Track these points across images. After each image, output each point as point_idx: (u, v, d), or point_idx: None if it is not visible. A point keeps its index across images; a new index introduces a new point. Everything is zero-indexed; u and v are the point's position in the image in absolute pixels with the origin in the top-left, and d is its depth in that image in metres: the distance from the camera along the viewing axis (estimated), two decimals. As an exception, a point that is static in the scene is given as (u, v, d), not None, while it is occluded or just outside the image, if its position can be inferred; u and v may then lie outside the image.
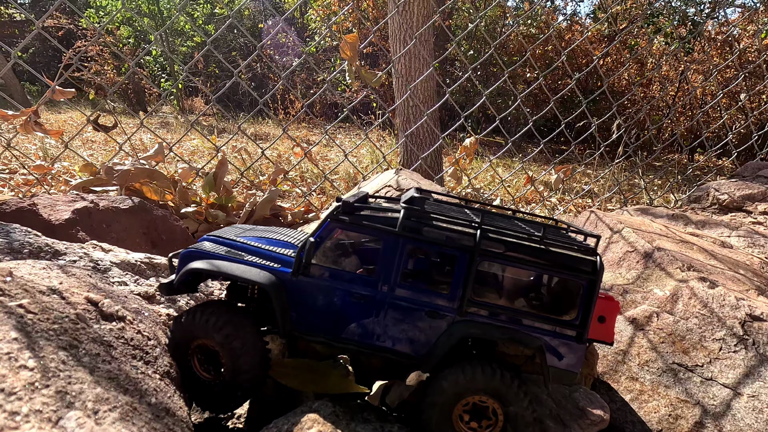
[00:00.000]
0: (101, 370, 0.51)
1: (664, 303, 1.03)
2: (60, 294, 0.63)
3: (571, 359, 0.68)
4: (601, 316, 0.69)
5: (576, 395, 0.88)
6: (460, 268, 0.65)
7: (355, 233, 0.68)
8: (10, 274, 0.58)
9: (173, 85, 7.80)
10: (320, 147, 5.26)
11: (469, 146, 2.07)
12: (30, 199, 1.14)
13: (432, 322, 0.66)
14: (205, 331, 0.67)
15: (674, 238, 1.25)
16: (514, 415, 0.66)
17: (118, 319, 0.67)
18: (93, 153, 3.51)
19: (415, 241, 0.65)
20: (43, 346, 0.46)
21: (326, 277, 0.68)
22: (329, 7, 6.68)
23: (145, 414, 0.50)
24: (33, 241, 0.95)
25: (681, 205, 1.96)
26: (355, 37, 1.76)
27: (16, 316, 0.48)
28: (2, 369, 0.38)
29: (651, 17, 5.29)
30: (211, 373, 0.69)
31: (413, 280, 0.67)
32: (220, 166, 1.82)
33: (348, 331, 0.68)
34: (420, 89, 2.61)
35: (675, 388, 0.92)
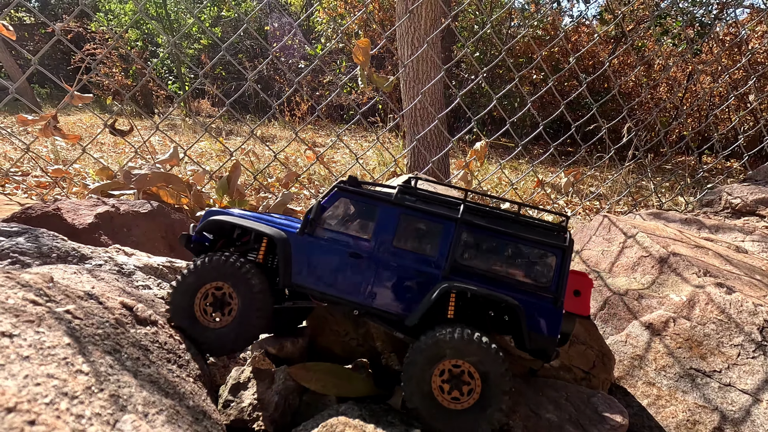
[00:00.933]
0: (143, 373, 0.53)
1: (681, 308, 1.03)
2: (97, 299, 0.65)
3: (549, 324, 0.72)
4: (576, 290, 0.76)
5: (594, 400, 0.89)
6: (446, 236, 0.73)
7: (355, 204, 0.76)
8: (51, 280, 0.60)
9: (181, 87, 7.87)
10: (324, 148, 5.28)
11: (480, 150, 2.07)
12: (54, 204, 1.16)
13: (418, 282, 0.73)
14: (219, 273, 0.72)
15: (689, 243, 1.25)
16: (491, 377, 0.67)
17: (151, 323, 0.69)
18: (103, 155, 3.56)
19: (408, 209, 0.74)
20: (92, 351, 0.47)
21: (327, 237, 0.75)
22: (335, 9, 6.71)
23: (187, 416, 0.51)
24: (60, 246, 0.97)
25: (693, 209, 1.96)
26: (367, 42, 1.78)
27: (65, 321, 0.49)
28: (63, 374, 0.39)
29: (659, 18, 5.27)
30: (217, 317, 0.73)
31: (404, 245, 0.74)
32: (234, 170, 1.84)
33: (342, 287, 0.75)
34: (428, 92, 2.62)
35: (693, 393, 0.92)
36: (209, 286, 0.73)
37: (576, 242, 1.48)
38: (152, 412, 0.45)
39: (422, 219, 0.74)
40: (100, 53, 7.09)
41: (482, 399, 0.67)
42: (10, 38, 1.52)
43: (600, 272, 1.29)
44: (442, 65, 1.91)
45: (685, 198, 2.60)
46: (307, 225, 0.75)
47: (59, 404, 0.35)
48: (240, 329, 0.73)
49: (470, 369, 0.67)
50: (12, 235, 0.94)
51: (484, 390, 0.67)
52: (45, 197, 1.78)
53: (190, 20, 8.16)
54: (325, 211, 0.76)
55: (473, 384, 0.67)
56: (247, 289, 0.72)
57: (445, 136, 2.91)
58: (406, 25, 2.66)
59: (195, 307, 0.73)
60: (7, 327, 0.40)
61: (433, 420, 0.66)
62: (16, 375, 0.35)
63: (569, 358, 0.98)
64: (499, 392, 0.66)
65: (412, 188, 0.78)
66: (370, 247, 0.74)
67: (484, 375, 0.66)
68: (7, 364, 0.36)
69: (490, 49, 6.17)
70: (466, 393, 0.67)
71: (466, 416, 0.67)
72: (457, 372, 0.68)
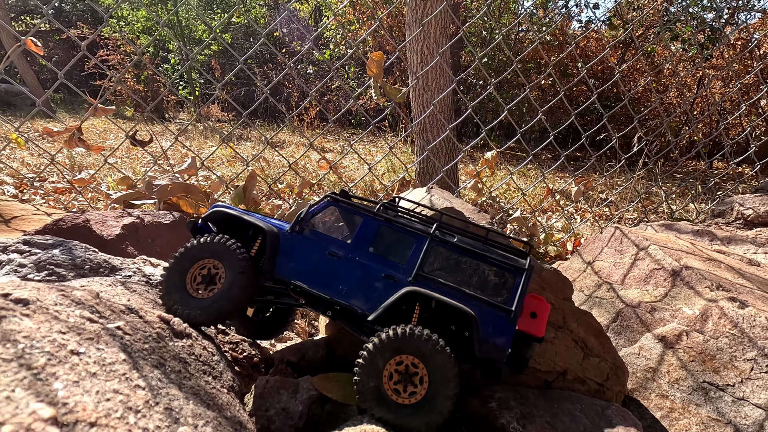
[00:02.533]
0: (186, 386, 0.56)
1: (694, 322, 1.05)
2: (137, 313, 0.69)
3: (501, 336, 0.77)
4: (533, 312, 0.82)
5: (609, 412, 0.91)
6: (418, 248, 0.81)
7: (342, 213, 0.86)
8: (97, 296, 0.64)
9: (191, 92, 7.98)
10: (335, 155, 5.33)
11: (491, 159, 2.10)
12: (83, 215, 1.21)
13: (387, 284, 0.80)
14: (214, 252, 0.80)
15: (701, 256, 1.26)
16: (437, 386, 0.70)
17: (187, 336, 0.73)
18: (117, 161, 3.64)
19: (388, 222, 0.83)
20: (143, 366, 0.51)
21: (312, 237, 0.85)
22: (344, 16, 6.78)
23: (228, 427, 0.55)
24: (92, 257, 1.01)
25: (704, 219, 1.96)
26: (380, 55, 1.82)
27: (117, 338, 0.53)
28: (125, 389, 0.43)
29: (668, 23, 5.26)
30: (204, 291, 0.81)
31: (378, 252, 0.82)
32: (250, 179, 1.89)
33: (319, 281, 0.83)
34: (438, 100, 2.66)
35: (706, 406, 0.94)
36: (203, 262, 0.81)
37: (587, 253, 1.50)
38: (200, 424, 0.49)
39: (398, 231, 0.83)
40: (113, 59, 7.24)
41: (427, 397, 0.71)
42: (38, 53, 1.58)
43: (612, 284, 1.30)
44: (451, 74, 1.94)
45: (696, 206, 2.60)
46: (297, 224, 0.85)
47: (128, 418, 0.39)
48: (223, 302, 0.80)
49: (425, 376, 0.71)
50: (47, 247, 0.99)
51: (427, 396, 0.71)
52: (69, 206, 1.84)
53: (201, 26, 8.29)
54: (314, 215, 0.86)
55: (418, 389, 0.72)
56: (235, 266, 0.80)
57: (454, 144, 2.94)
58: (416, 33, 2.70)
59: (187, 279, 0.81)
60: (75, 345, 0.44)
61: (380, 410, 0.71)
62: (90, 391, 0.39)
63: (583, 371, 1.00)
64: (443, 394, 0.70)
65: (393, 205, 0.89)
66: (348, 250, 0.82)
67: (432, 382, 0.71)
68: (80, 380, 0.40)
69: (498, 54, 6.19)
70: (408, 393, 0.72)
71: (411, 411, 0.71)
72: (412, 372, 0.72)
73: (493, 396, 0.91)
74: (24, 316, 0.44)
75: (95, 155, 3.49)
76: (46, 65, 9.76)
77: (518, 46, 6.40)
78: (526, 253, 0.84)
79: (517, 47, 6.36)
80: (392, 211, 0.89)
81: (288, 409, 0.85)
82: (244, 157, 1.83)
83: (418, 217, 0.90)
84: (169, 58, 8.46)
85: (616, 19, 5.74)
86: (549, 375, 1.00)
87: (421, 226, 0.84)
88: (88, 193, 2.06)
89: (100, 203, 2.05)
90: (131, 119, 7.14)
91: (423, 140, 2.80)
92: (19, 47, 1.58)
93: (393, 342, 0.72)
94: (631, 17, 5.76)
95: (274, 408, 0.85)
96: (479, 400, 0.90)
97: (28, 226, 1.33)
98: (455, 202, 1.12)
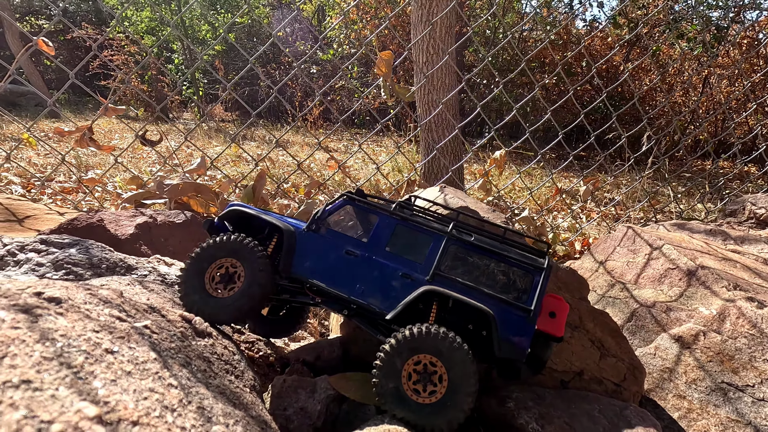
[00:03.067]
0: (212, 385, 0.56)
1: (711, 322, 1.04)
2: (159, 312, 0.69)
3: (520, 336, 0.77)
4: (552, 312, 0.81)
5: (627, 413, 0.90)
6: (435, 246, 0.81)
7: (358, 212, 0.86)
8: (121, 295, 0.64)
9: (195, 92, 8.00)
10: (338, 154, 5.34)
11: (499, 158, 2.09)
12: (97, 215, 1.21)
13: (405, 284, 0.79)
14: (231, 251, 0.80)
15: (716, 256, 1.26)
16: (456, 384, 0.70)
17: (208, 335, 0.73)
18: (123, 160, 3.65)
19: (404, 221, 0.83)
20: (172, 365, 0.51)
21: (329, 236, 0.84)
22: (348, 16, 6.78)
23: (255, 426, 0.55)
24: (108, 257, 1.02)
25: (716, 218, 1.95)
26: (389, 54, 1.81)
27: (146, 336, 0.53)
28: (159, 387, 0.43)
29: (674, 22, 5.23)
30: (223, 290, 0.81)
31: (395, 251, 0.82)
32: (259, 179, 1.89)
33: (336, 280, 0.82)
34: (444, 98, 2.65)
35: (725, 407, 0.93)
36: (221, 261, 0.81)
37: (599, 253, 1.50)
38: (230, 423, 0.48)
39: (415, 230, 0.82)
40: (117, 60, 7.26)
41: (447, 395, 0.70)
42: (50, 53, 1.59)
43: (626, 283, 1.30)
44: (459, 73, 1.94)
45: (705, 205, 2.58)
46: (313, 223, 0.84)
47: (166, 417, 0.39)
48: (243, 300, 0.80)
49: (444, 375, 0.71)
50: (64, 246, 0.99)
51: (446, 396, 0.70)
52: (79, 205, 1.84)
53: (205, 27, 8.30)
54: (331, 214, 0.85)
55: (438, 388, 0.71)
56: (254, 264, 0.80)
57: (460, 143, 2.93)
58: (420, 32, 2.70)
59: (205, 279, 0.81)
60: (108, 344, 0.44)
61: (401, 411, 0.70)
62: (128, 390, 0.39)
63: (600, 371, 0.99)
64: (463, 391, 0.70)
65: (409, 204, 0.88)
66: (365, 248, 0.82)
67: (450, 382, 0.70)
68: (117, 379, 0.40)
69: (502, 53, 6.17)
70: (428, 393, 0.71)
71: (431, 410, 0.71)
72: (431, 371, 0.72)
73: (510, 396, 0.90)
74: (58, 315, 0.44)
75: (100, 155, 3.50)
76: (50, 65, 9.79)
77: (522, 45, 6.38)
78: (545, 252, 0.83)
79: (522, 46, 6.34)
80: (408, 209, 0.87)
81: (306, 408, 0.84)
82: (252, 156, 1.83)
83: (434, 215, 0.89)
84: (172, 58, 8.47)
85: (621, 18, 5.72)
86: (565, 375, 0.99)
87: (438, 224, 0.84)
88: (95, 193, 2.07)
89: (106, 203, 2.06)
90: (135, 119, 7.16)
91: (430, 139, 2.80)
92: (31, 47, 1.58)
93: (410, 342, 0.71)
94: (636, 16, 5.73)
95: (293, 407, 0.85)
96: (496, 400, 0.90)
97: (41, 226, 1.34)
98: (469, 201, 1.12)
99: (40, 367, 0.34)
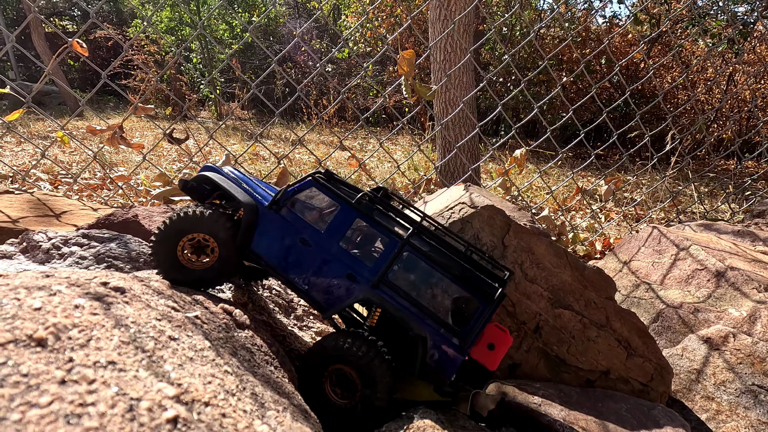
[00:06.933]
0: (258, 374, 0.59)
1: (741, 323, 1.03)
2: (202, 304, 0.72)
3: (447, 364, 0.74)
4: (491, 344, 0.76)
5: (655, 413, 0.90)
6: (388, 251, 0.76)
7: (321, 197, 0.81)
8: (169, 287, 0.67)
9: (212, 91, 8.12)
10: (355, 152, 5.36)
11: (519, 157, 2.09)
12: (131, 211, 1.26)
13: (349, 284, 0.76)
14: (201, 224, 0.77)
15: (746, 257, 1.24)
16: (367, 394, 0.70)
17: (247, 327, 0.76)
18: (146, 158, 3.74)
19: (364, 216, 0.77)
20: (223, 353, 0.54)
21: (288, 218, 0.79)
22: (363, 14, 6.79)
23: (299, 414, 0.57)
24: (145, 251, 1.06)
25: (743, 219, 1.91)
26: (411, 53, 1.82)
27: (198, 326, 0.56)
28: (219, 373, 0.45)
29: (698, 18, 5.10)
30: (197, 262, 0.79)
31: (349, 247, 0.78)
32: (281, 176, 1.92)
33: (288, 266, 0.79)
34: (461, 97, 2.65)
35: (755, 409, 0.92)
36: (192, 234, 0.78)
37: (623, 253, 1.48)
38: (280, 410, 0.51)
39: (372, 228, 0.77)
40: (138, 59, 7.42)
41: (363, 400, 0.70)
42: (84, 54, 1.64)
43: (651, 284, 1.29)
44: (480, 70, 1.94)
45: (730, 206, 2.53)
46: (275, 203, 0.80)
47: (230, 400, 0.41)
48: (221, 268, 0.79)
49: (352, 373, 0.71)
50: (105, 240, 1.04)
51: (361, 400, 0.70)
52: (109, 202, 1.91)
53: (222, 26, 8.42)
54: (295, 194, 0.81)
55: (353, 392, 0.72)
56: (225, 236, 0.78)
57: (476, 141, 2.92)
58: (439, 30, 2.70)
59: (177, 252, 0.78)
60: (170, 332, 0.47)
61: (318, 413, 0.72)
62: (194, 374, 0.42)
63: (626, 370, 0.99)
64: (377, 397, 0.70)
65: (377, 197, 0.82)
66: (319, 239, 0.77)
67: (366, 380, 0.70)
68: (183, 364, 0.42)
69: (519, 51, 6.10)
70: (343, 397, 0.72)
71: (348, 413, 0.71)
72: (348, 378, 0.72)
73: (536, 393, 0.91)
74: (125, 303, 0.47)
75: (123, 152, 3.60)
76: (73, 65, 10.07)
77: (540, 42, 6.30)
78: (505, 280, 0.78)
79: (539, 43, 6.26)
80: (374, 202, 0.82)
81: (337, 400, 0.87)
82: (273, 154, 1.86)
83: (399, 214, 0.84)
84: (191, 57, 8.62)
85: (642, 14, 5.60)
86: (591, 374, 1.00)
87: (397, 227, 0.79)
88: (126, 190, 2.14)
89: (131, 199, 2.13)
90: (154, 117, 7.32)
91: (449, 138, 2.80)
92: (66, 49, 1.64)
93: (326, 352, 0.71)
94: (657, 12, 5.60)
95: (324, 399, 0.87)
96: (522, 397, 0.91)
97: (77, 221, 1.39)
98: (495, 200, 1.13)
99: (120, 350, 0.37)
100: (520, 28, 5.93)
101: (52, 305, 0.38)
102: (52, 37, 8.18)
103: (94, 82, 9.98)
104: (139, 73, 7.37)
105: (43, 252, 0.99)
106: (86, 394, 0.30)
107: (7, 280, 0.44)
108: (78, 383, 0.31)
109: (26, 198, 1.56)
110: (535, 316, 1.00)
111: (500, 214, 1.05)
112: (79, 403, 0.29)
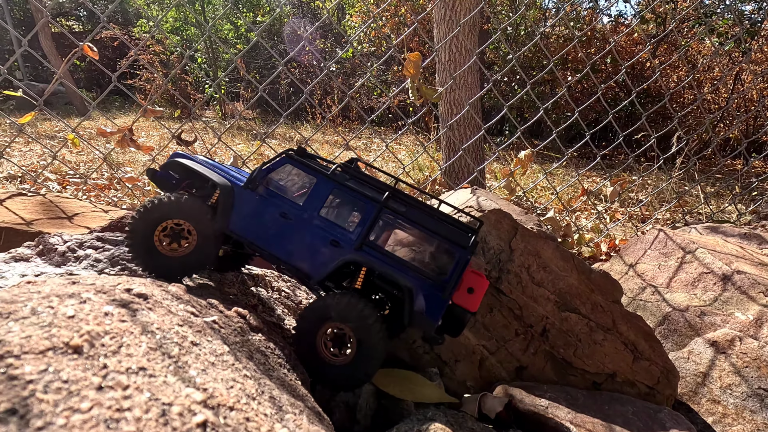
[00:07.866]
0: (273, 377, 0.60)
1: (748, 327, 1.04)
2: (216, 307, 0.73)
3: (433, 310, 0.78)
4: (470, 288, 0.81)
5: (661, 416, 0.91)
6: (367, 215, 0.80)
7: (297, 172, 0.84)
8: (186, 291, 0.68)
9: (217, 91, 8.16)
10: (359, 152, 5.38)
11: (524, 159, 2.09)
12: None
13: (332, 250, 0.80)
14: (178, 210, 0.79)
15: (752, 261, 1.24)
16: (365, 347, 0.74)
17: (260, 330, 0.77)
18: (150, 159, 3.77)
19: (340, 185, 0.81)
20: (241, 357, 0.55)
21: (266, 195, 0.82)
22: (367, 14, 6.79)
23: (314, 417, 0.59)
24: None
25: (749, 221, 1.90)
26: (417, 55, 1.83)
27: (216, 331, 0.57)
28: (239, 378, 0.47)
29: (704, 17, 5.06)
30: (173, 249, 0.81)
31: (328, 216, 0.81)
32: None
33: (270, 241, 0.82)
34: (467, 98, 2.66)
35: (762, 413, 0.93)
36: (170, 221, 0.80)
37: (629, 255, 1.49)
38: (297, 412, 0.52)
39: (350, 196, 0.81)
40: (144, 59, 7.47)
41: (355, 360, 0.75)
42: (94, 58, 1.67)
43: (657, 287, 1.29)
44: (486, 71, 1.94)
45: (737, 206, 2.52)
46: (251, 181, 0.82)
47: (251, 404, 0.43)
48: (199, 257, 0.82)
49: (350, 333, 0.74)
50: (118, 243, 1.06)
51: (358, 353, 0.74)
52: (119, 202, 1.93)
53: (227, 26, 8.45)
54: (270, 172, 0.84)
55: (351, 346, 0.75)
56: (202, 224, 0.81)
57: (481, 141, 2.93)
58: (444, 31, 2.70)
59: (155, 239, 0.80)
60: (192, 337, 0.49)
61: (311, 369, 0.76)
62: (217, 378, 0.43)
63: (633, 373, 1.00)
64: (370, 358, 0.74)
65: (351, 168, 0.86)
66: (300, 211, 0.81)
67: (359, 341, 0.74)
68: (206, 369, 0.44)
69: (524, 51, 6.08)
70: (340, 354, 0.76)
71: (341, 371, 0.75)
72: (340, 333, 0.76)
73: (543, 396, 0.92)
74: (149, 310, 0.48)
75: (129, 153, 3.64)
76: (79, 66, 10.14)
77: (544, 42, 6.28)
78: (475, 229, 0.83)
79: (544, 43, 6.24)
80: (347, 174, 0.85)
81: (348, 402, 0.88)
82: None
83: (372, 182, 0.87)
84: (196, 57, 8.66)
85: (648, 13, 5.56)
86: (598, 377, 1.01)
87: (372, 193, 0.82)
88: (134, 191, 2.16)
89: (139, 199, 2.15)
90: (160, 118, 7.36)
91: (454, 138, 2.81)
92: (77, 53, 1.67)
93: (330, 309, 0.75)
94: (663, 11, 5.57)
95: (335, 401, 0.89)
96: (529, 400, 0.92)
97: (90, 223, 1.42)
98: (502, 204, 1.14)
99: (149, 356, 0.39)
100: (525, 28, 5.91)
101: (84, 313, 0.39)
102: (59, 37, 8.24)
103: (100, 81, 10.05)
104: (144, 73, 7.42)
105: (59, 255, 1.01)
106: (122, 399, 0.31)
107: (37, 287, 0.45)
108: (114, 389, 0.32)
109: (39, 200, 1.58)
110: (542, 319, 1.01)
111: (507, 218, 1.07)
112: (116, 408, 0.30)
